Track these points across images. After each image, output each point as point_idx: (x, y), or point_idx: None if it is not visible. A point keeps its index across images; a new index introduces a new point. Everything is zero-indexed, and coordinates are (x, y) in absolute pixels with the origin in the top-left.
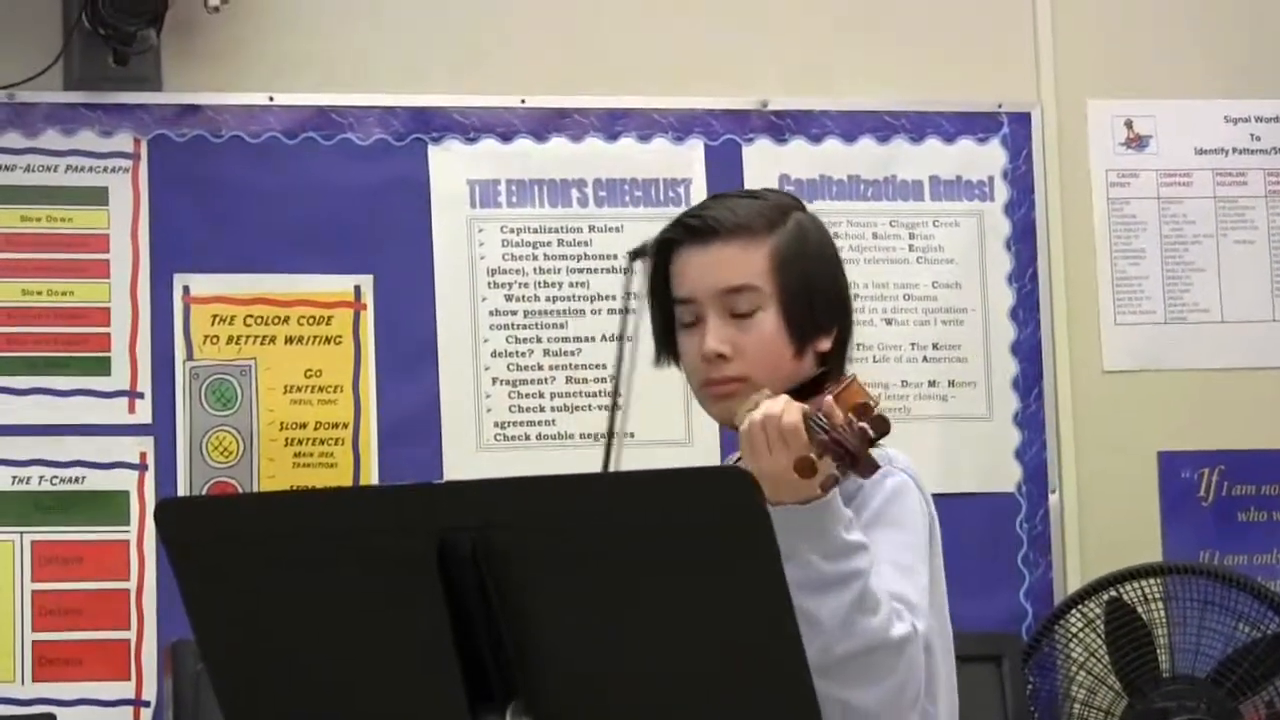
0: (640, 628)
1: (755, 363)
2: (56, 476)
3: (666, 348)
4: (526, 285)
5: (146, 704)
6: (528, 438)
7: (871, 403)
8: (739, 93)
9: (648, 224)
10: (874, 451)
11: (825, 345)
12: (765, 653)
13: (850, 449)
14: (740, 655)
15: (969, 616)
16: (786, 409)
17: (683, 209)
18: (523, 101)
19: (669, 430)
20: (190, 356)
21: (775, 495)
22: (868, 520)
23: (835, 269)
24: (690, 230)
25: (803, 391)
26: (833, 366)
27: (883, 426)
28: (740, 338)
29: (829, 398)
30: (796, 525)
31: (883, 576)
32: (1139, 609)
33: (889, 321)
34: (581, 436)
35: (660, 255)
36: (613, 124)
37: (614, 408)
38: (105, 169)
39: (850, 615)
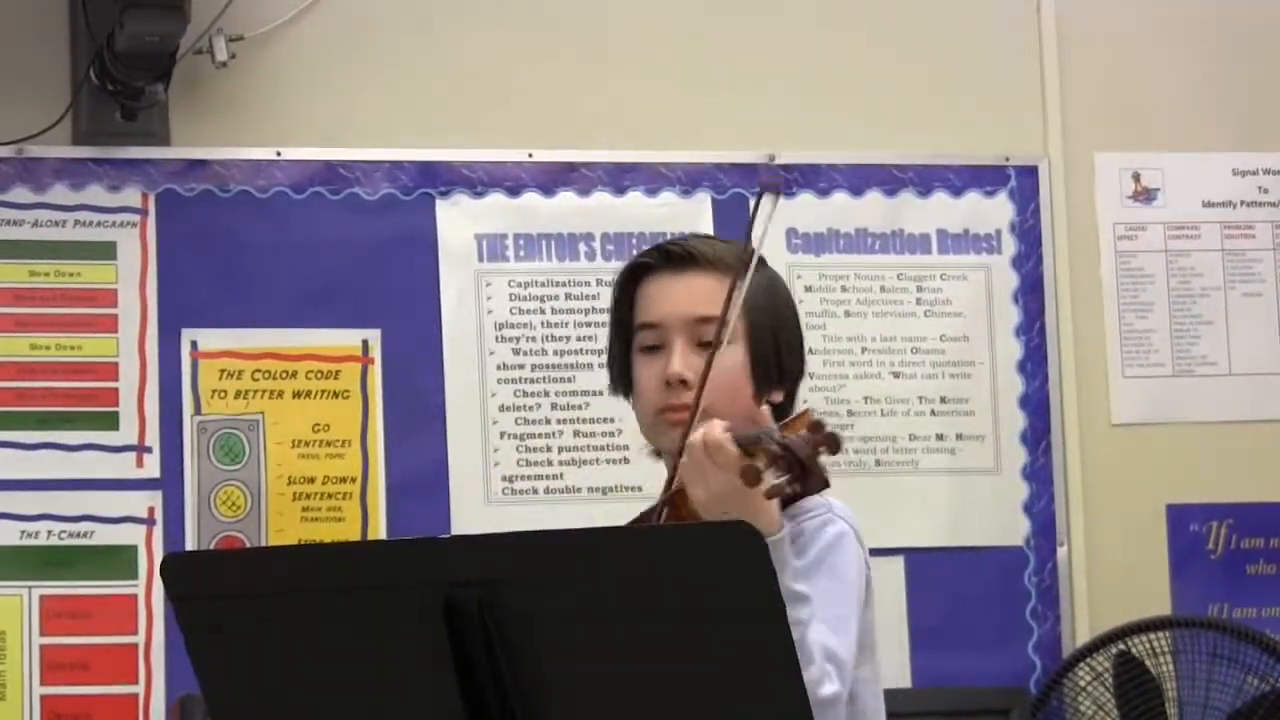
0: (646, 682)
1: (716, 393)
2: (65, 531)
3: (624, 375)
4: (534, 339)
5: None
6: (535, 492)
7: (824, 422)
8: (747, 146)
9: None
10: (815, 499)
11: (778, 398)
12: (771, 707)
13: (801, 457)
14: (745, 709)
15: (977, 670)
16: (710, 426)
17: None
18: (530, 156)
19: None
20: (198, 411)
21: (727, 515)
22: (805, 567)
23: (798, 324)
24: (669, 256)
25: None
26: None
27: (834, 442)
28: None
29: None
30: None
31: (817, 630)
32: (1147, 662)
33: (896, 375)
34: (590, 491)
35: (629, 281)
36: (620, 177)
37: None
38: (113, 223)
39: None
